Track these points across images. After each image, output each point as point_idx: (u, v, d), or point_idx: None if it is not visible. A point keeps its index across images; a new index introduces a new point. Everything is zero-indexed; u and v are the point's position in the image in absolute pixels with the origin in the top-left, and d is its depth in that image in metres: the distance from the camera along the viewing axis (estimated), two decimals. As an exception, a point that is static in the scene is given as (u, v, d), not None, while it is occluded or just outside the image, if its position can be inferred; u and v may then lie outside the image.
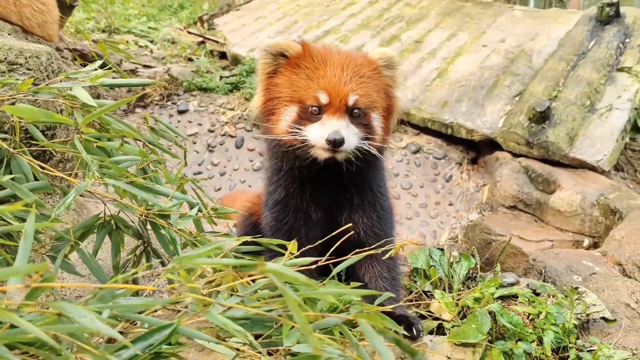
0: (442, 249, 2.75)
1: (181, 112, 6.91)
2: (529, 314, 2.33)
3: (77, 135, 1.70)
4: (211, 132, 6.73)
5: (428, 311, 2.38)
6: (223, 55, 8.57)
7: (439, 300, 2.39)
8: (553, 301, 2.39)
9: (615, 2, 7.09)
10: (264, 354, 1.30)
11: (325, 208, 2.31)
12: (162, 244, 1.92)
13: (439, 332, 2.28)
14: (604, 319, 2.40)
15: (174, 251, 1.89)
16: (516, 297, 2.45)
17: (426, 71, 7.22)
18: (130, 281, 1.99)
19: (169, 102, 7.05)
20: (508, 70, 6.89)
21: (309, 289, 1.06)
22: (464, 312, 2.36)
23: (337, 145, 1.98)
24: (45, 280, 1.25)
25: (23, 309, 1.08)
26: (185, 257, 1.08)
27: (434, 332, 2.29)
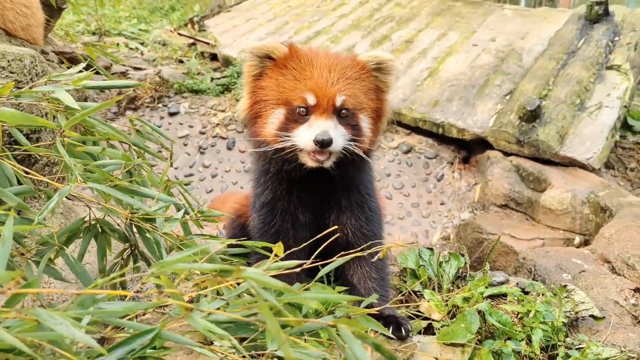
0: (431, 249, 2.75)
1: (172, 114, 6.89)
2: (518, 313, 2.32)
3: (59, 138, 1.68)
4: (202, 134, 6.71)
5: (417, 311, 2.38)
6: (214, 57, 8.54)
7: (428, 300, 2.39)
8: (542, 299, 2.39)
9: (604, 0, 7.13)
10: (248, 358, 1.29)
11: (313, 210, 2.30)
12: (148, 247, 1.91)
13: (428, 332, 2.28)
14: (592, 316, 2.41)
15: (160, 255, 1.88)
16: (505, 296, 2.45)
17: (417, 71, 7.23)
18: (119, 285, 1.98)
19: (160, 105, 7.03)
20: (498, 69, 6.91)
21: (290, 294, 1.05)
22: (453, 311, 2.35)
23: (325, 146, 1.97)
24: (27, 285, 1.24)
25: (1, 316, 1.06)
26: (165, 262, 1.07)
27: (423, 332, 2.28)
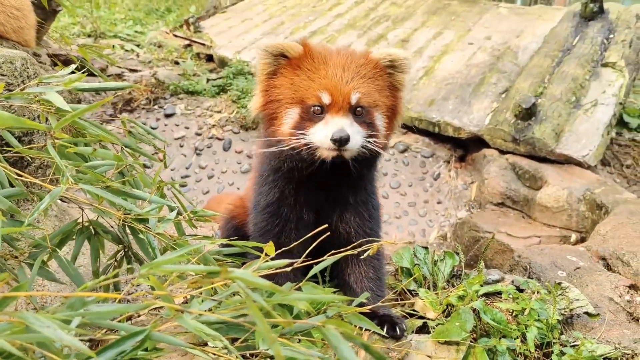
0: (426, 247, 2.75)
1: (168, 116, 6.88)
2: (512, 311, 2.32)
3: (50, 140, 1.67)
4: (198, 135, 6.70)
5: (412, 310, 2.38)
6: (210, 58, 8.53)
7: (422, 299, 2.39)
8: (536, 297, 2.39)
9: (598, -2, 7.15)
10: (240, 359, 1.29)
11: (317, 209, 2.30)
12: (142, 248, 1.90)
13: (423, 330, 2.27)
14: (587, 313, 2.41)
15: (154, 255, 1.87)
16: (500, 294, 2.45)
17: (413, 70, 7.23)
18: (112, 287, 1.98)
19: (156, 106, 7.01)
20: (494, 67, 6.92)
21: (280, 295, 1.05)
22: (448, 310, 2.35)
23: (343, 144, 1.95)
24: (18, 288, 1.24)
25: (-10, 319, 1.06)
26: (154, 263, 1.06)
27: (418, 330, 2.28)
